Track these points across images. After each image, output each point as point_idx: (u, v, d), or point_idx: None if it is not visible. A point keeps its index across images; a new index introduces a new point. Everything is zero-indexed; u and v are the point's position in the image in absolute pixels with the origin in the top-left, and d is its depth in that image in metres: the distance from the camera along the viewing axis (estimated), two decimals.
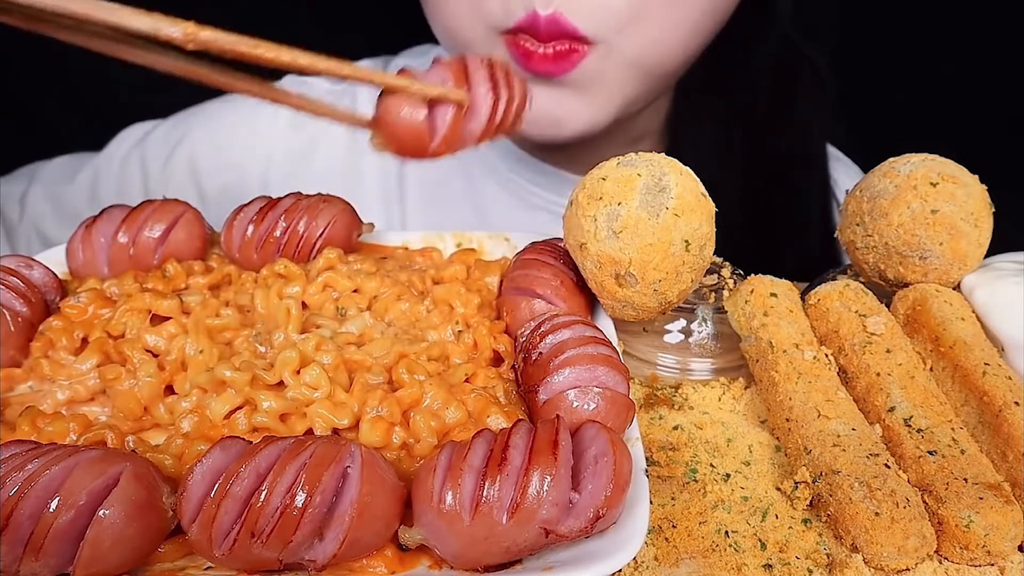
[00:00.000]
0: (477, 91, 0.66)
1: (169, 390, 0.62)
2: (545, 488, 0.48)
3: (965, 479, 0.59)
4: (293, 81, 1.26)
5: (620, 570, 0.55)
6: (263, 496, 0.47)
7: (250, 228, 0.76)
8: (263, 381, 0.61)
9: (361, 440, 0.57)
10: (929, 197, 0.72)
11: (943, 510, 0.58)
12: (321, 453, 0.49)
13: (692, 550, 0.60)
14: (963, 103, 1.49)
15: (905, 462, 0.62)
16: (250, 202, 0.78)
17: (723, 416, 0.73)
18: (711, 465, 0.67)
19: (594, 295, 0.71)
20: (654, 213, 0.65)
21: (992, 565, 0.59)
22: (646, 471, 0.57)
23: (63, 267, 0.76)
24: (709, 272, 0.83)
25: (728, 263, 0.85)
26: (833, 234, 0.82)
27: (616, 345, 0.65)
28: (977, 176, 0.74)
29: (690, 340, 0.82)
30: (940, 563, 0.59)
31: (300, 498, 0.47)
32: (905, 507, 0.57)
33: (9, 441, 0.51)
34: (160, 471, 0.52)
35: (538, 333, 0.64)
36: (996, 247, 0.76)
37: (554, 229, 0.78)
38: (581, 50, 0.91)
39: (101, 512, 0.46)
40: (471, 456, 0.50)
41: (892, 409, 0.65)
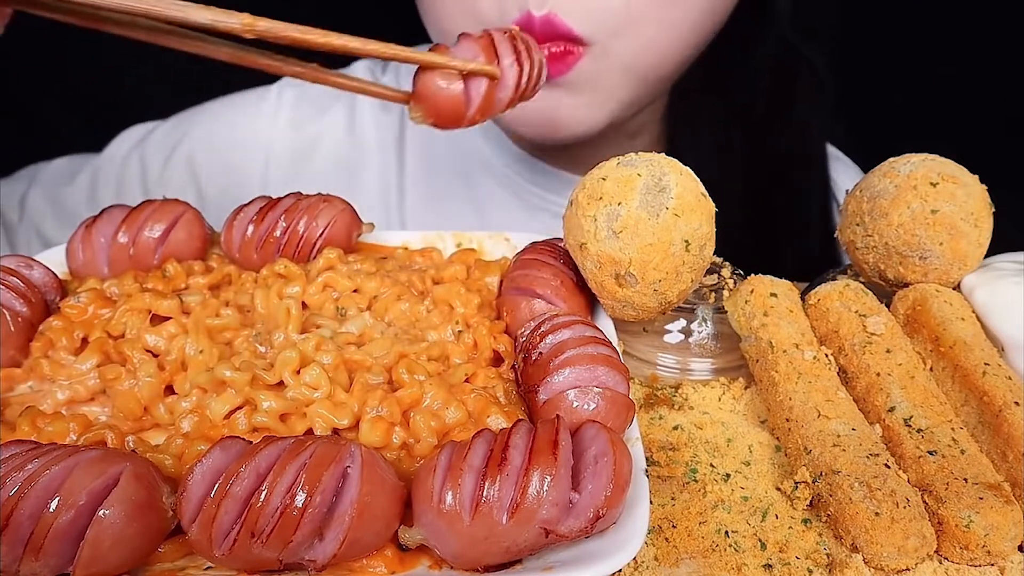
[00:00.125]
0: (504, 63, 0.72)
1: (169, 390, 0.62)
2: (545, 488, 0.48)
3: (965, 479, 0.59)
4: (292, 81, 1.26)
5: (620, 570, 0.55)
6: (263, 496, 0.47)
7: (250, 228, 0.76)
8: (263, 381, 0.61)
9: (361, 440, 0.57)
10: (929, 197, 0.72)
11: (943, 510, 0.58)
12: (321, 453, 0.49)
13: (692, 550, 0.60)
14: (963, 103, 1.49)
15: (905, 462, 0.62)
16: (250, 202, 0.78)
17: (723, 416, 0.73)
18: (711, 465, 0.67)
19: (594, 295, 0.71)
20: (654, 213, 0.65)
21: (992, 565, 0.59)
22: (646, 471, 0.57)
23: (63, 267, 0.76)
24: (709, 272, 0.83)
25: (728, 263, 0.85)
26: (833, 234, 0.82)
27: (616, 345, 0.65)
28: (977, 176, 0.74)
29: (690, 340, 0.82)
30: (940, 563, 0.59)
31: (300, 498, 0.47)
32: (905, 507, 0.57)
33: (9, 441, 0.51)
34: (160, 471, 0.52)
35: (538, 333, 0.64)
36: (996, 247, 0.76)
37: (554, 229, 0.78)
38: (576, 52, 0.92)
39: (101, 512, 0.46)
40: (471, 456, 0.50)
41: (892, 409, 0.65)
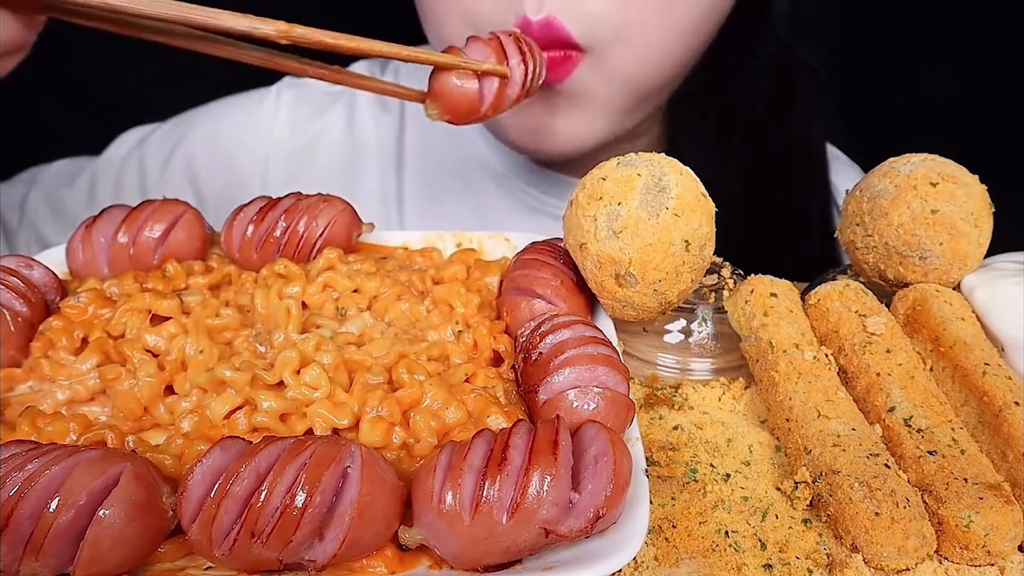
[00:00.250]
0: (512, 63, 0.79)
1: (169, 390, 0.62)
2: (545, 488, 0.48)
3: (965, 479, 0.59)
4: (291, 82, 1.27)
5: (620, 570, 0.55)
6: (263, 496, 0.47)
7: (250, 228, 0.76)
8: (263, 381, 0.61)
9: (361, 440, 0.57)
10: (929, 197, 0.72)
11: (943, 510, 0.58)
12: (321, 453, 0.49)
13: (692, 550, 0.60)
14: (963, 103, 1.49)
15: (905, 462, 0.62)
16: (250, 202, 0.78)
17: (723, 416, 0.73)
18: (711, 465, 0.67)
19: (594, 295, 0.71)
20: (654, 213, 0.65)
21: (992, 565, 0.59)
22: (646, 471, 0.57)
23: (63, 267, 0.76)
24: (709, 272, 0.83)
25: (728, 263, 0.85)
26: (833, 234, 0.82)
27: (616, 345, 0.65)
28: (977, 176, 0.74)
29: (690, 340, 0.82)
30: (940, 563, 0.59)
31: (300, 498, 0.47)
32: (905, 507, 0.57)
33: (9, 441, 0.51)
34: (160, 471, 0.52)
35: (538, 333, 0.64)
36: (996, 247, 0.76)
37: (553, 231, 0.78)
38: (575, 57, 0.91)
39: (101, 512, 0.46)
40: (471, 456, 0.50)
41: (892, 409, 0.65)
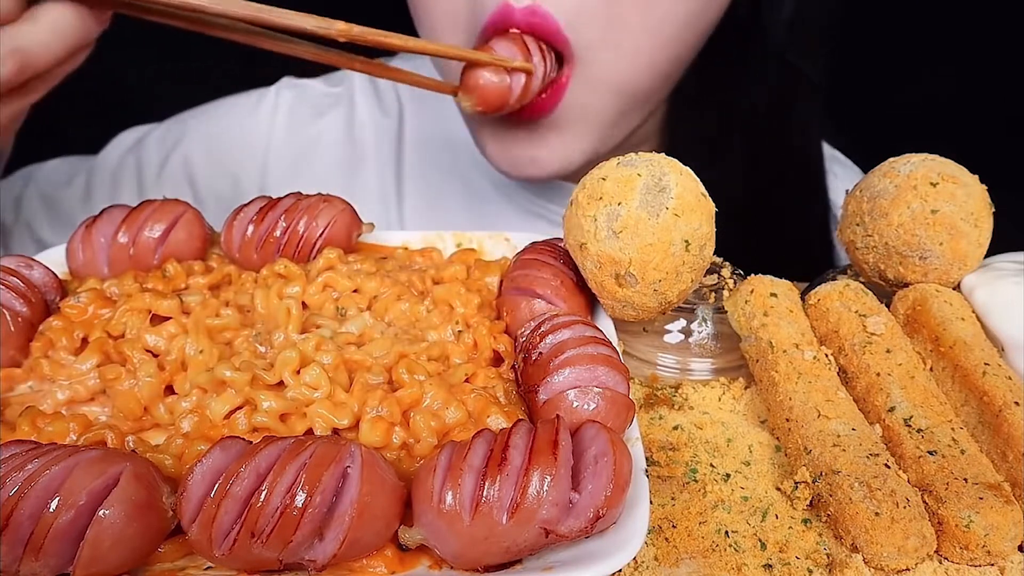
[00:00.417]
0: (535, 60, 0.87)
1: (169, 390, 0.62)
2: (545, 488, 0.48)
3: (965, 479, 0.59)
4: (290, 83, 1.28)
5: (620, 570, 0.55)
6: (263, 496, 0.47)
7: (250, 228, 0.76)
8: (263, 381, 0.61)
9: (361, 440, 0.57)
10: (929, 197, 0.72)
11: (943, 510, 0.58)
12: (321, 453, 0.49)
13: (692, 550, 0.60)
14: (963, 103, 1.49)
15: (905, 462, 0.62)
16: (250, 202, 0.78)
17: (723, 416, 0.73)
18: (711, 465, 0.67)
19: (594, 295, 0.71)
20: (654, 213, 0.65)
21: (992, 565, 0.59)
22: (646, 471, 0.57)
23: (63, 267, 0.76)
24: (709, 272, 0.83)
25: (728, 263, 0.85)
26: (833, 234, 0.82)
27: (616, 345, 0.65)
28: (977, 176, 0.74)
29: (690, 340, 0.82)
30: (940, 563, 0.59)
31: (300, 498, 0.47)
32: (905, 507, 0.57)
33: (9, 441, 0.51)
34: (160, 471, 0.52)
35: (538, 333, 0.64)
36: (996, 247, 0.76)
37: (552, 235, 0.78)
38: (563, 79, 0.91)
39: (101, 512, 0.46)
40: (471, 456, 0.50)
41: (892, 409, 0.65)
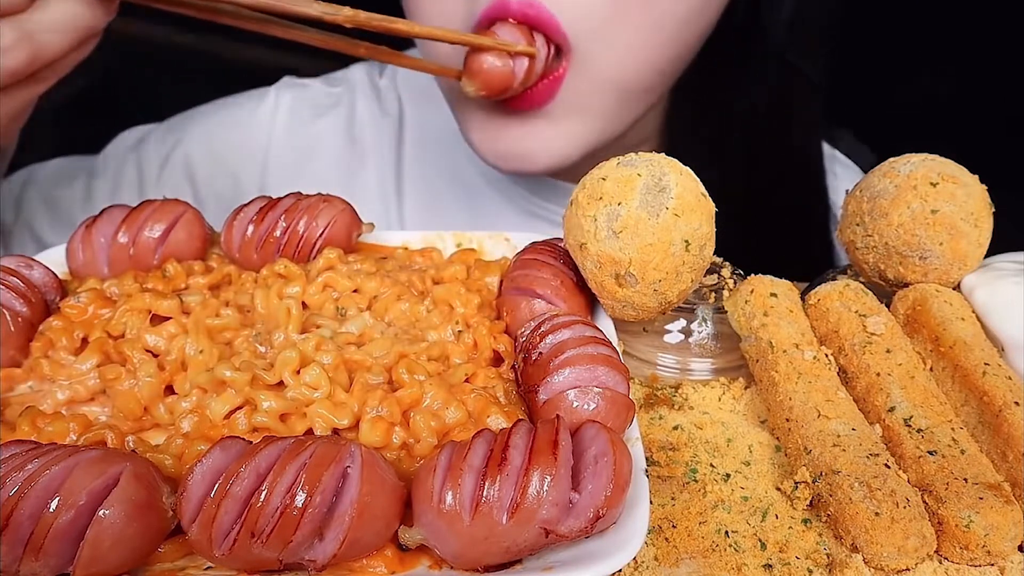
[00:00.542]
0: (538, 43, 0.89)
1: (169, 390, 0.62)
2: (545, 488, 0.48)
3: (965, 479, 0.59)
4: (290, 83, 1.28)
5: (620, 570, 0.55)
6: (263, 496, 0.47)
7: (250, 228, 0.76)
8: (263, 381, 0.61)
9: (361, 440, 0.57)
10: (929, 197, 0.72)
11: (943, 510, 0.58)
12: (321, 453, 0.49)
13: (692, 550, 0.60)
14: (963, 103, 1.49)
15: (905, 462, 0.62)
16: (250, 202, 0.78)
17: (723, 416, 0.73)
18: (711, 465, 0.67)
19: (594, 295, 0.71)
20: (654, 213, 0.65)
21: (992, 565, 0.59)
22: (646, 471, 0.57)
23: (63, 267, 0.76)
24: (709, 272, 0.83)
25: (728, 263, 0.85)
26: (833, 234, 0.82)
27: (616, 345, 0.65)
28: (977, 176, 0.74)
29: (690, 340, 0.82)
30: (940, 563, 0.59)
31: (300, 498, 0.47)
32: (905, 507, 0.57)
33: (9, 441, 0.51)
34: (160, 471, 0.52)
35: (538, 333, 0.64)
36: (996, 247, 0.75)
37: (552, 235, 0.78)
38: (560, 70, 0.90)
39: (101, 512, 0.46)
40: (471, 456, 0.50)
41: (892, 409, 0.65)
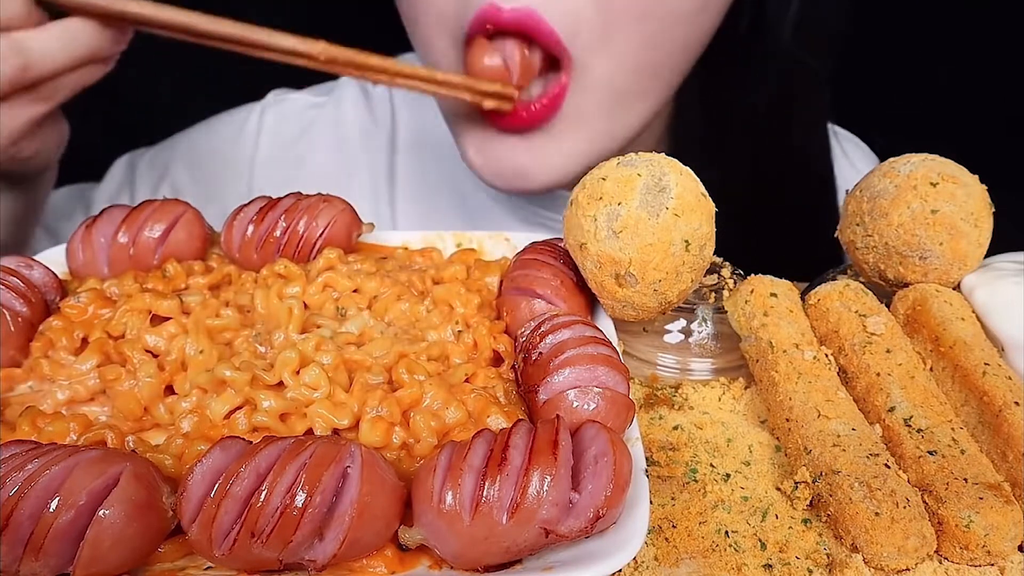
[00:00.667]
0: (514, 75, 0.88)
1: (169, 390, 0.62)
2: (545, 488, 0.48)
3: (965, 479, 0.59)
4: (276, 98, 1.31)
5: (620, 570, 0.55)
6: (263, 496, 0.47)
7: (250, 228, 0.76)
8: (263, 381, 0.61)
9: (361, 440, 0.57)
10: (929, 197, 0.72)
11: (943, 510, 0.58)
12: (321, 453, 0.49)
13: (692, 550, 0.60)
14: (963, 103, 1.49)
15: (905, 462, 0.62)
16: (250, 202, 0.78)
17: (723, 416, 0.73)
18: (711, 465, 0.67)
19: (594, 295, 0.71)
20: (654, 213, 0.65)
21: (992, 565, 0.59)
22: (646, 471, 0.57)
23: (63, 267, 0.76)
24: (709, 272, 0.83)
25: (728, 263, 0.85)
26: (833, 234, 0.82)
27: (616, 345, 0.65)
28: (977, 176, 0.74)
29: (690, 340, 0.82)
30: (940, 563, 0.59)
31: (300, 498, 0.47)
32: (905, 507, 0.57)
33: (9, 441, 0.51)
34: (160, 471, 0.52)
35: (538, 333, 0.64)
36: (996, 247, 0.76)
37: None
38: (561, 83, 0.89)
39: (101, 512, 0.46)
40: (471, 456, 0.50)
41: (892, 409, 0.65)
